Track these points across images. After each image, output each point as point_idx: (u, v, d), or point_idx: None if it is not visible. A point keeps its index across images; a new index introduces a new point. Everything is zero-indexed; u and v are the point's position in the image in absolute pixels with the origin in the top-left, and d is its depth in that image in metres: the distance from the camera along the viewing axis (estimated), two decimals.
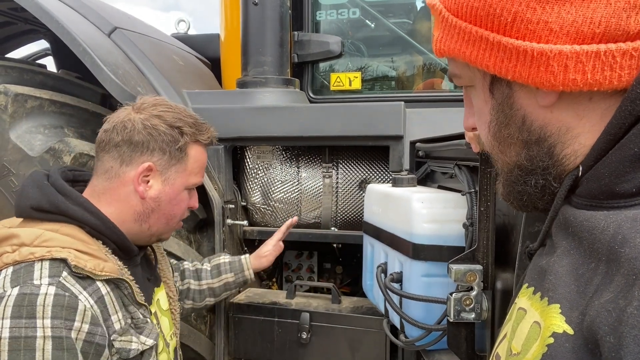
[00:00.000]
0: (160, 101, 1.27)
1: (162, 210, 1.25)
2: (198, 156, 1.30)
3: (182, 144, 1.23)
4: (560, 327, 0.54)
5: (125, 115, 1.22)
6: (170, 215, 1.28)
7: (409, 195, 1.30)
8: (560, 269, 0.59)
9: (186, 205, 1.33)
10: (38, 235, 1.06)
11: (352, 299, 2.06)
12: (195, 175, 1.31)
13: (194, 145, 1.28)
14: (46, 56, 3.38)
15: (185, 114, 1.28)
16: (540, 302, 0.60)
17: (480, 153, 1.10)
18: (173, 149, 1.22)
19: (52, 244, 1.06)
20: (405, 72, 2.36)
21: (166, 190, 1.25)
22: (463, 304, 1.10)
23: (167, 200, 1.25)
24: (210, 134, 1.33)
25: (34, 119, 2.03)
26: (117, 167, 1.20)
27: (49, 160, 1.96)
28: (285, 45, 2.15)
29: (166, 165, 1.23)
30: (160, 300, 1.38)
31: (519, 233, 1.11)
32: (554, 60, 0.56)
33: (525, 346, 0.59)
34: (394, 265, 1.40)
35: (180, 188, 1.27)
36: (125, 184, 1.20)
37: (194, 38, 3.11)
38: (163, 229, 1.30)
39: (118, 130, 1.19)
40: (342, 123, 1.88)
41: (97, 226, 1.14)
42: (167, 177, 1.24)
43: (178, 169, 1.25)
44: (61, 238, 1.08)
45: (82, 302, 1.02)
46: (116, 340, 1.08)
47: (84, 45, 1.81)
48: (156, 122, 1.21)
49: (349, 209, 2.12)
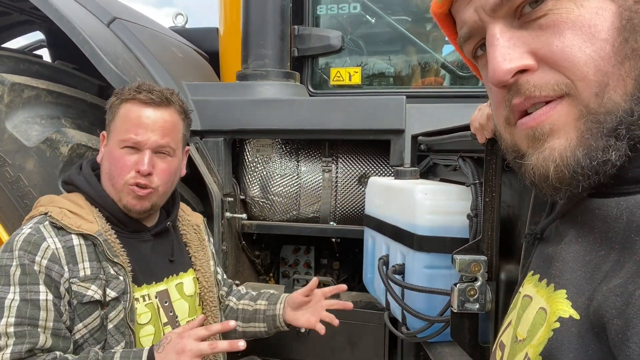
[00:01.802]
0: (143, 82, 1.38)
1: (105, 171, 1.34)
2: (127, 113, 1.32)
3: (111, 104, 1.36)
4: (566, 312, 0.53)
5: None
6: (110, 175, 1.32)
7: (412, 187, 1.30)
8: (567, 256, 0.59)
9: (127, 166, 1.30)
10: (50, 199, 1.32)
11: (350, 293, 2.05)
12: (125, 132, 1.30)
13: (125, 104, 1.33)
14: (41, 48, 3.33)
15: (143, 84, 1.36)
16: (547, 289, 0.60)
17: (486, 143, 1.10)
18: (109, 113, 1.36)
19: (54, 204, 1.29)
20: (406, 68, 2.36)
21: (105, 151, 1.35)
22: (467, 294, 1.10)
23: (106, 160, 1.34)
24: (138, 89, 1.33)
25: (30, 109, 2.00)
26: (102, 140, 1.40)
27: (46, 151, 1.94)
28: (286, 38, 2.14)
29: (108, 129, 1.37)
30: (185, 284, 1.46)
31: (524, 224, 1.12)
32: None
33: (531, 332, 0.59)
34: (396, 257, 1.39)
35: (113, 146, 1.32)
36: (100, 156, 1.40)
37: (192, 31, 3.08)
38: (114, 191, 1.33)
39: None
40: (344, 116, 1.88)
41: (91, 194, 1.33)
42: (108, 140, 1.36)
43: (112, 129, 1.34)
44: (63, 201, 1.31)
45: (47, 242, 1.21)
46: (75, 284, 1.21)
47: (83, 34, 1.79)
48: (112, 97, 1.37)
49: (348, 204, 2.12)
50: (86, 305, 1.21)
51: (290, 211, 2.15)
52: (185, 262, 1.49)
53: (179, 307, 1.42)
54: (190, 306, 1.46)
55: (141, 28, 2.21)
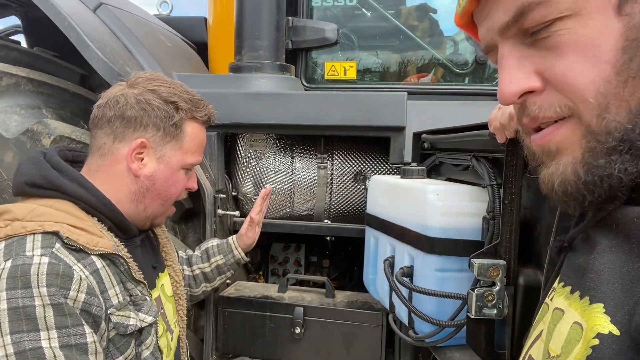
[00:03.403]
0: (155, 76, 1.21)
1: (157, 190, 1.20)
2: (195, 134, 1.24)
3: (177, 119, 1.18)
4: (605, 328, 0.50)
5: (118, 91, 1.17)
6: (166, 196, 1.23)
7: (424, 187, 1.26)
8: (602, 267, 0.55)
9: (183, 186, 1.27)
10: (31, 210, 1.03)
11: (346, 293, 2.01)
12: (192, 154, 1.24)
13: (191, 122, 1.22)
14: (16, 34, 3.18)
15: (182, 89, 1.22)
16: (581, 302, 0.56)
17: (506, 144, 1.06)
18: (167, 125, 1.17)
19: (44, 218, 1.03)
20: (402, 64, 2.31)
21: (161, 169, 1.19)
22: (485, 299, 1.06)
23: (162, 179, 1.20)
24: (209, 111, 1.27)
25: (9, 97, 1.88)
26: (110, 143, 1.15)
27: (26, 143, 1.82)
28: (282, 29, 2.06)
29: (161, 142, 1.18)
30: (165, 285, 1.34)
31: (543, 228, 1.09)
32: None
33: (566, 348, 0.55)
34: (403, 259, 1.35)
35: (176, 167, 1.21)
36: (118, 161, 1.15)
37: (178, 20, 2.98)
38: (158, 211, 1.24)
39: (111, 106, 1.15)
40: (342, 112, 1.82)
41: (92, 202, 1.10)
42: (162, 155, 1.19)
43: (173, 146, 1.20)
44: (54, 213, 1.04)
45: (77, 272, 0.98)
46: (114, 315, 1.04)
47: (69, 19, 1.68)
48: (150, 96, 1.16)
49: (343, 202, 2.07)
50: (127, 336, 1.07)
51: (283, 208, 2.09)
52: (161, 262, 1.37)
53: (167, 310, 1.32)
54: (172, 307, 1.36)
55: (128, 15, 2.10)
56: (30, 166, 1.08)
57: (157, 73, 1.25)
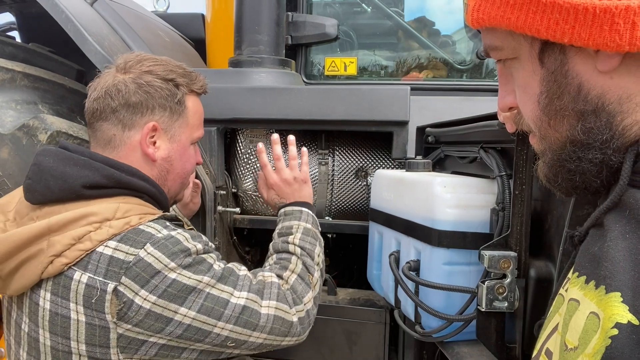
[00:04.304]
0: (143, 56, 1.17)
1: (175, 170, 1.21)
2: (196, 107, 1.25)
3: (180, 96, 1.17)
4: (624, 317, 0.48)
5: (113, 79, 1.13)
6: (184, 173, 1.25)
7: (431, 180, 1.24)
8: (617, 254, 0.54)
9: (195, 161, 1.29)
10: (116, 209, 1.03)
11: (348, 290, 1.99)
12: (197, 128, 1.26)
13: (190, 96, 1.22)
14: (10, 30, 3.14)
15: (173, 64, 1.20)
16: (596, 291, 0.54)
17: (517, 133, 1.04)
18: (172, 103, 1.16)
19: (133, 212, 1.05)
20: (403, 60, 2.30)
21: (174, 148, 1.19)
22: (496, 292, 1.05)
23: (177, 158, 1.20)
24: (202, 82, 1.27)
25: (5, 93, 1.85)
26: (120, 133, 1.13)
27: (22, 138, 1.79)
28: (282, 24, 2.04)
29: (169, 121, 1.17)
30: None
31: (554, 218, 1.07)
32: (620, 18, 0.51)
33: (584, 339, 0.53)
34: (409, 253, 1.33)
35: (187, 143, 1.22)
36: (133, 149, 1.13)
37: (175, 17, 2.95)
38: (178, 189, 1.28)
39: (112, 96, 1.11)
40: (344, 106, 1.80)
41: (154, 194, 1.13)
42: (173, 134, 1.19)
43: (181, 123, 1.20)
44: (136, 207, 1.07)
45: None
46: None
47: (67, 12, 1.65)
48: (149, 78, 1.13)
49: (344, 198, 2.04)
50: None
51: None
52: None
53: None
54: None
55: (126, 9, 2.08)
56: (76, 168, 1.04)
57: (143, 53, 1.21)
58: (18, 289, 1.02)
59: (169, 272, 1.00)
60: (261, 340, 1.12)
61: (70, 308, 0.98)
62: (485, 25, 0.61)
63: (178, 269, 1.01)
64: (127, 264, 0.98)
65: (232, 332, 1.07)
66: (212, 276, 1.06)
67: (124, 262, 0.98)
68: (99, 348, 0.99)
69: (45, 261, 0.98)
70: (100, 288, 0.97)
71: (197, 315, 1.02)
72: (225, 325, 1.06)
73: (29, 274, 0.99)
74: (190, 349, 1.07)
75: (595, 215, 0.62)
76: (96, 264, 0.98)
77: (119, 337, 0.99)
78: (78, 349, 0.99)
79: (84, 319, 0.98)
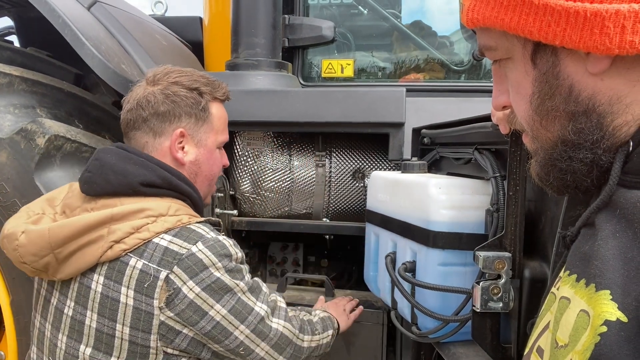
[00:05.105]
0: (170, 69, 1.29)
1: (204, 173, 1.31)
2: (220, 113, 1.34)
3: (204, 104, 1.27)
4: (612, 315, 0.49)
5: (143, 91, 1.25)
6: (212, 176, 1.35)
7: (425, 181, 1.25)
8: (606, 253, 0.55)
9: (221, 164, 1.39)
10: (169, 207, 1.15)
11: (345, 291, 1.99)
12: (222, 133, 1.36)
13: (214, 103, 1.32)
14: (9, 35, 3.15)
15: (197, 74, 1.31)
16: (587, 289, 0.55)
17: (510, 134, 1.05)
18: (197, 110, 1.26)
19: (183, 212, 1.17)
20: (399, 61, 2.30)
21: (202, 152, 1.30)
22: (491, 292, 1.05)
23: (205, 162, 1.30)
24: (225, 89, 1.36)
25: (2, 97, 1.86)
26: (152, 140, 1.24)
27: (20, 142, 1.80)
28: (278, 27, 2.05)
29: (195, 127, 1.27)
30: None
31: (548, 219, 1.08)
32: (610, 21, 0.52)
33: (574, 337, 0.54)
34: (405, 254, 1.34)
35: (213, 147, 1.32)
36: (164, 154, 1.24)
37: (173, 20, 2.96)
38: (207, 191, 1.37)
39: (143, 106, 1.22)
40: (340, 108, 1.81)
41: (196, 199, 1.25)
42: (200, 139, 1.29)
43: (206, 129, 1.30)
44: (183, 209, 1.19)
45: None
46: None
47: (64, 17, 1.66)
48: (175, 89, 1.24)
49: (342, 200, 2.05)
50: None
51: (281, 207, 2.07)
52: None
53: None
54: None
55: (123, 13, 2.08)
56: (135, 166, 1.16)
57: (170, 66, 1.32)
58: (71, 272, 1.11)
59: (216, 270, 1.12)
60: (263, 353, 1.22)
61: (122, 292, 1.08)
62: (480, 25, 0.62)
63: (222, 269, 1.13)
64: (180, 255, 1.09)
65: (247, 338, 1.18)
66: (245, 284, 1.18)
67: (177, 254, 1.09)
68: (141, 333, 1.08)
69: (106, 246, 1.07)
70: (153, 275, 1.07)
71: (227, 315, 1.14)
72: (245, 330, 1.17)
73: (88, 257, 1.08)
74: (208, 348, 1.17)
75: (586, 215, 0.62)
76: (152, 252, 1.09)
77: (161, 324, 1.08)
78: (122, 332, 1.08)
79: (132, 303, 1.08)
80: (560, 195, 0.73)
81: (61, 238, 1.07)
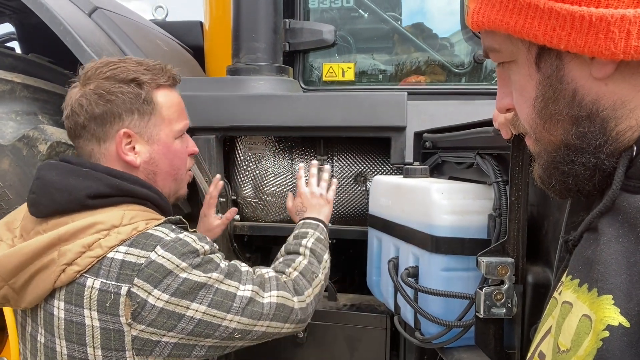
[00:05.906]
0: (102, 62, 1.14)
1: (163, 170, 1.20)
2: (170, 100, 1.20)
3: (145, 95, 1.13)
4: (615, 320, 0.49)
5: (75, 94, 1.12)
6: (174, 170, 1.24)
7: (428, 186, 1.24)
8: (609, 258, 0.54)
9: (185, 154, 1.28)
10: (122, 216, 1.05)
11: (348, 296, 1.99)
12: (177, 121, 1.22)
13: (159, 91, 1.18)
14: (10, 41, 3.16)
15: (132, 62, 1.16)
16: (589, 294, 0.55)
17: (512, 140, 1.05)
18: (139, 104, 1.13)
19: (139, 219, 1.07)
20: (400, 65, 2.30)
21: (156, 148, 1.18)
22: (494, 298, 1.05)
23: (162, 158, 1.19)
24: (170, 72, 1.21)
25: (4, 104, 1.86)
26: (97, 147, 1.13)
27: (22, 149, 1.80)
28: (279, 31, 2.05)
29: (141, 124, 1.14)
30: None
31: (550, 224, 1.07)
32: (615, 26, 0.51)
33: (576, 342, 0.54)
34: (408, 259, 1.33)
35: (168, 139, 1.20)
36: (113, 160, 1.14)
37: (173, 25, 2.96)
38: (174, 186, 1.27)
39: (77, 112, 1.11)
40: (342, 113, 1.81)
41: (156, 200, 1.16)
42: (150, 136, 1.16)
43: (155, 122, 1.17)
44: (141, 214, 1.09)
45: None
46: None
47: (65, 24, 1.66)
48: (108, 86, 1.10)
49: (344, 204, 2.05)
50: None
51: (283, 212, 2.07)
52: None
53: None
54: None
55: (124, 19, 2.09)
56: (79, 179, 1.06)
57: (103, 59, 1.18)
58: (32, 300, 1.04)
59: (181, 271, 1.03)
60: (264, 328, 1.15)
61: (85, 315, 1.00)
62: (485, 28, 0.62)
63: (189, 268, 1.04)
64: (139, 266, 1.00)
65: (239, 324, 1.11)
66: (220, 272, 1.09)
67: (135, 265, 1.00)
68: (115, 352, 1.01)
69: (58, 270, 0.99)
70: (113, 292, 0.99)
71: (208, 310, 1.06)
72: (233, 317, 1.09)
73: (42, 284, 1.01)
74: (200, 346, 1.10)
75: (589, 219, 0.62)
76: (108, 269, 1.00)
77: (134, 339, 1.01)
78: (95, 355, 1.01)
79: (99, 324, 1.00)
80: (562, 199, 0.73)
81: (10, 269, 1.00)
